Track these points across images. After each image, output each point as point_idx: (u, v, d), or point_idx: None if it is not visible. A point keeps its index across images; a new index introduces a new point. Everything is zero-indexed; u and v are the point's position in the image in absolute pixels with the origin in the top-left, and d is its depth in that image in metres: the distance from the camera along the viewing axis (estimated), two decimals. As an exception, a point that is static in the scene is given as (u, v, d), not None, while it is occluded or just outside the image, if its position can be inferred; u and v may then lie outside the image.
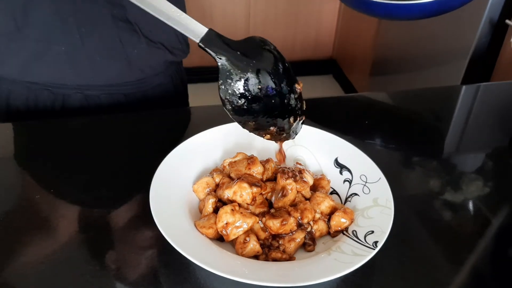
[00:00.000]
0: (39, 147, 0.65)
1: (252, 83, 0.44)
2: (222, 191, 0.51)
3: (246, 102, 0.45)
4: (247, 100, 0.44)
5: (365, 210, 0.51)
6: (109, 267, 0.47)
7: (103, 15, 0.68)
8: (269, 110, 0.46)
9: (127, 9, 0.69)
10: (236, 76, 0.44)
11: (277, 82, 0.45)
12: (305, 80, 1.92)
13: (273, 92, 0.45)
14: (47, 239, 0.50)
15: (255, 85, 0.44)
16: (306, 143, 0.61)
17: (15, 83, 0.73)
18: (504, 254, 0.52)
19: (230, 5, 2.23)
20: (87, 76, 0.73)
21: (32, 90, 0.73)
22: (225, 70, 0.44)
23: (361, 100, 0.87)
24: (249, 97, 0.44)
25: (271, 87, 0.45)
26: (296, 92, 0.47)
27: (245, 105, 0.45)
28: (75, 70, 0.71)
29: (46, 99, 0.74)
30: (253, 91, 0.44)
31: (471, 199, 0.59)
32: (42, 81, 0.72)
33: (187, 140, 0.58)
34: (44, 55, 0.69)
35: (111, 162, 0.62)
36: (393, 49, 1.94)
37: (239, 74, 0.44)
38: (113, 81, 0.75)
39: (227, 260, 0.45)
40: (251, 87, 0.44)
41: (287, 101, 0.46)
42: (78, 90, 0.74)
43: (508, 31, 1.33)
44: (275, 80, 0.45)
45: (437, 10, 0.72)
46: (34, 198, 0.55)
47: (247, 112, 0.45)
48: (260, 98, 0.45)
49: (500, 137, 0.73)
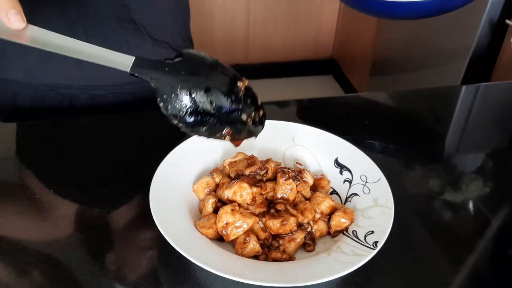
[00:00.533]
0: (38, 147, 0.65)
1: (187, 99, 0.45)
2: (222, 191, 0.51)
3: (190, 116, 0.45)
4: (190, 114, 0.45)
5: (365, 210, 0.51)
6: (109, 267, 0.47)
7: (108, 17, 0.68)
8: (215, 119, 0.46)
9: (131, 9, 0.69)
10: (175, 94, 0.44)
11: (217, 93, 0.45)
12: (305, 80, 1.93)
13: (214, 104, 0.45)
14: (47, 239, 0.50)
15: (194, 100, 0.45)
16: (306, 143, 0.61)
17: (21, 84, 0.74)
18: (504, 254, 0.52)
19: (230, 5, 2.23)
20: (93, 77, 0.73)
21: (38, 91, 0.74)
22: (161, 90, 0.44)
23: (361, 100, 0.87)
24: (192, 111, 0.45)
25: (209, 100, 0.45)
26: (239, 91, 0.46)
27: (190, 119, 0.45)
28: (81, 72, 0.71)
29: (52, 100, 0.75)
30: (195, 105, 0.45)
31: (471, 199, 0.59)
32: (49, 83, 0.73)
33: (187, 140, 0.58)
34: (51, 58, 0.69)
35: (111, 162, 0.62)
36: (393, 49, 1.94)
37: (176, 91, 0.44)
38: (119, 81, 0.75)
39: (227, 260, 0.45)
40: (191, 103, 0.45)
41: (230, 104, 0.46)
42: (85, 90, 0.74)
43: (508, 31, 1.33)
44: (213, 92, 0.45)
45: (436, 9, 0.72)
46: (34, 198, 0.55)
47: (194, 124, 0.46)
48: (204, 111, 0.45)
49: (500, 137, 0.73)
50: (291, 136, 0.62)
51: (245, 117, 0.46)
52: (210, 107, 0.45)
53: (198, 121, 0.45)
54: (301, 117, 0.74)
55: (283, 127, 0.63)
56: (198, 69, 0.45)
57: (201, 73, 0.45)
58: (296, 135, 0.62)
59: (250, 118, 0.47)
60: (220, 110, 0.45)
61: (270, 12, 2.30)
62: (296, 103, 0.78)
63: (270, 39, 2.40)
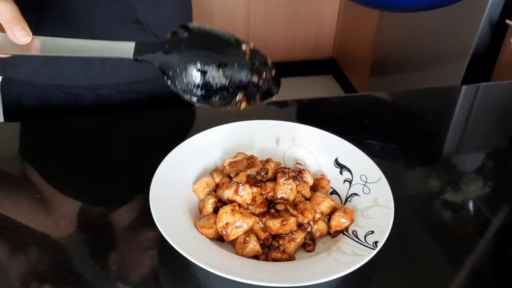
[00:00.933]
0: (38, 147, 0.65)
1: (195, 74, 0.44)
2: (222, 191, 0.51)
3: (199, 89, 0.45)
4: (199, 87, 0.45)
5: (365, 210, 0.51)
6: (109, 267, 0.47)
7: (113, 17, 0.69)
8: (226, 86, 0.45)
9: (136, 9, 0.69)
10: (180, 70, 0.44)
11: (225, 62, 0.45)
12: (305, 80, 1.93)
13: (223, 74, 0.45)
14: (47, 239, 0.50)
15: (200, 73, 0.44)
16: (306, 143, 0.61)
17: (27, 84, 0.74)
18: (504, 254, 0.52)
19: (230, 5, 2.23)
20: (99, 77, 0.73)
21: (44, 90, 0.74)
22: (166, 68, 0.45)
23: (361, 100, 0.87)
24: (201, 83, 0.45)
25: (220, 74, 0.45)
26: (244, 54, 0.46)
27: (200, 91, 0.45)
28: (87, 72, 0.72)
29: (58, 99, 0.75)
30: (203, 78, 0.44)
31: (471, 199, 0.59)
32: (55, 83, 0.73)
33: (187, 140, 0.58)
34: (57, 59, 0.69)
35: (111, 162, 0.62)
36: (393, 49, 1.94)
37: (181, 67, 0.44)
38: (124, 80, 0.76)
39: (227, 260, 0.45)
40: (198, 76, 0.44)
41: (238, 70, 0.45)
42: (90, 89, 0.75)
43: (508, 31, 1.33)
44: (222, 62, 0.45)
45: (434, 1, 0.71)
46: (34, 198, 0.55)
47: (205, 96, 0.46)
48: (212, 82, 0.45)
49: (500, 137, 0.73)
50: (291, 136, 0.62)
51: (256, 79, 0.46)
52: (218, 77, 0.44)
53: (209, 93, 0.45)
54: (301, 117, 0.74)
55: (283, 127, 0.63)
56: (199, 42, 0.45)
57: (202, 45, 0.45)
58: (296, 135, 0.62)
59: (262, 79, 0.46)
60: (228, 78, 0.45)
61: (270, 12, 2.30)
62: (296, 103, 0.78)
63: (270, 39, 2.39)
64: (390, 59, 1.98)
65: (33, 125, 0.70)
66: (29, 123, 0.71)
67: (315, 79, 2.56)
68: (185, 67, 0.44)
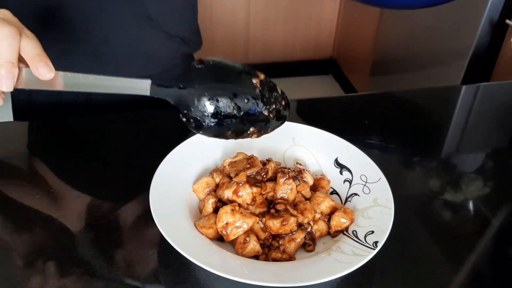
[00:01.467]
0: (39, 146, 0.65)
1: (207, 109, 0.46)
2: (222, 191, 0.51)
3: (213, 123, 0.46)
4: (212, 121, 0.46)
5: (365, 210, 0.51)
6: (110, 267, 0.47)
7: (125, 14, 0.69)
8: (238, 117, 0.46)
9: (148, 6, 0.70)
10: (194, 106, 0.46)
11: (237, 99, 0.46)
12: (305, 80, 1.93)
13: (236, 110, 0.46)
14: (47, 239, 0.50)
15: (214, 107, 0.46)
16: (306, 143, 0.61)
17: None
18: (504, 254, 0.52)
19: (230, 5, 2.23)
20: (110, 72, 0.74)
21: None
22: (180, 106, 0.46)
23: (361, 100, 0.87)
24: (214, 118, 0.46)
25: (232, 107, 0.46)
26: (255, 88, 0.46)
27: (213, 123, 0.46)
28: (99, 68, 0.73)
29: (69, 94, 0.75)
30: (216, 112, 0.46)
31: (471, 199, 0.59)
32: None
33: (187, 140, 0.58)
34: (70, 56, 0.70)
35: (111, 162, 0.62)
36: (393, 49, 1.94)
37: (195, 103, 0.46)
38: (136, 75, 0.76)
39: (227, 260, 0.45)
40: (211, 110, 0.46)
41: (253, 105, 0.46)
42: None
43: (508, 31, 1.32)
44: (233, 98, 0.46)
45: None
46: (34, 197, 0.55)
47: (219, 131, 0.47)
48: (225, 116, 0.46)
49: (500, 137, 0.73)
50: (291, 136, 0.62)
51: (267, 112, 0.47)
52: (231, 108, 0.45)
53: (222, 127, 0.46)
54: (301, 117, 0.74)
55: (283, 127, 0.63)
56: (212, 74, 0.46)
57: (215, 77, 0.46)
58: (296, 135, 0.62)
59: (272, 113, 0.47)
60: (240, 109, 0.45)
61: (270, 12, 2.30)
62: (296, 103, 0.78)
63: (270, 39, 2.39)
64: (390, 59, 1.98)
65: (33, 125, 0.70)
66: (29, 123, 0.71)
67: (315, 79, 2.56)
68: (199, 99, 0.45)
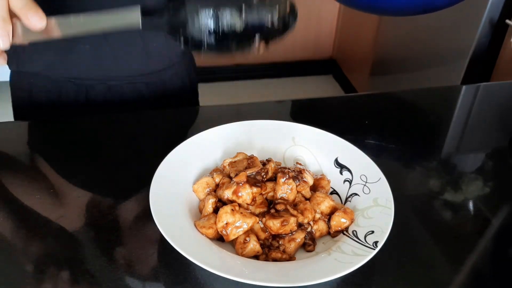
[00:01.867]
0: (39, 146, 0.65)
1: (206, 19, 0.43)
2: (222, 191, 0.51)
3: (213, 40, 0.44)
4: (213, 38, 0.43)
5: (365, 210, 0.51)
6: (110, 267, 0.47)
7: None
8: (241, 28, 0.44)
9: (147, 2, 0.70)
10: (188, 26, 0.43)
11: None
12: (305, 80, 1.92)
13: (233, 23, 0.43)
14: (47, 239, 0.50)
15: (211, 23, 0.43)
16: (306, 143, 0.61)
17: (38, 76, 0.75)
18: (504, 254, 0.52)
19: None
20: (110, 67, 0.75)
21: (55, 83, 0.75)
22: (174, 30, 0.44)
23: (361, 100, 0.87)
24: (213, 34, 0.43)
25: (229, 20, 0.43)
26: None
27: (213, 42, 0.44)
28: (99, 65, 0.73)
29: (69, 91, 0.76)
30: (214, 28, 0.43)
31: (471, 199, 0.59)
32: (66, 75, 0.74)
33: (187, 140, 0.58)
34: (70, 53, 0.71)
35: (111, 162, 0.62)
36: (393, 49, 1.94)
37: (188, 23, 0.43)
38: (135, 72, 0.78)
39: (227, 260, 0.45)
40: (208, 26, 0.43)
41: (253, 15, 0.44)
42: (101, 81, 0.76)
43: (508, 31, 1.33)
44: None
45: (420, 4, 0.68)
46: (34, 197, 0.55)
47: (221, 46, 0.45)
48: (224, 31, 0.43)
49: (500, 137, 0.73)
50: (291, 136, 0.62)
51: (269, 17, 0.43)
52: (231, 19, 0.43)
53: (224, 41, 0.44)
54: (301, 117, 0.74)
55: (283, 127, 0.63)
56: None
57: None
58: (296, 135, 0.62)
59: (277, 17, 0.44)
60: (241, 18, 0.42)
61: (270, 12, 2.30)
62: (296, 103, 0.78)
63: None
64: (390, 59, 1.98)
65: (33, 125, 0.71)
66: (32, 123, 0.71)
67: (315, 79, 2.57)
68: (194, 17, 0.42)
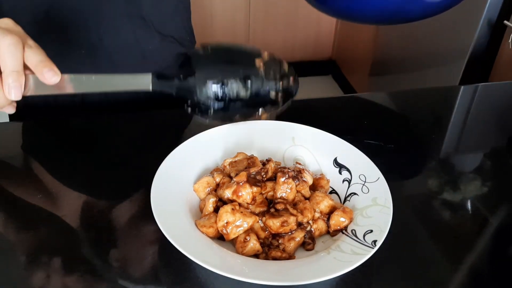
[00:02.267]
0: (39, 146, 0.66)
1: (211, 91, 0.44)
2: (223, 191, 0.51)
3: (218, 111, 0.45)
4: (218, 108, 0.45)
5: (364, 209, 0.51)
6: (110, 266, 0.47)
7: (120, 14, 0.70)
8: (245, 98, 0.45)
9: (141, 6, 0.71)
10: (197, 95, 0.45)
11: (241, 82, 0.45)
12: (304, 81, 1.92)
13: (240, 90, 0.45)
14: (47, 239, 0.50)
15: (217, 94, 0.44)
16: (306, 143, 0.61)
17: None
18: (504, 253, 0.53)
19: (230, 5, 2.23)
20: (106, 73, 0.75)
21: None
22: (184, 96, 0.45)
23: (360, 100, 0.87)
24: (219, 105, 0.45)
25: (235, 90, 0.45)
26: (258, 70, 0.45)
27: (218, 112, 0.45)
28: (94, 69, 0.73)
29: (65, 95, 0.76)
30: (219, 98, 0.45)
31: (470, 199, 0.60)
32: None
33: (187, 140, 0.58)
34: (65, 57, 0.70)
35: (112, 162, 0.62)
36: (392, 50, 1.95)
37: (197, 93, 0.45)
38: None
39: (228, 259, 0.45)
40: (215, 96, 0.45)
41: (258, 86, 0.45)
42: None
43: (507, 32, 1.33)
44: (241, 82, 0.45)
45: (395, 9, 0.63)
46: (36, 197, 0.55)
47: (228, 115, 0.46)
48: (229, 102, 0.45)
49: (498, 137, 0.73)
50: (291, 136, 0.62)
51: (274, 92, 0.46)
52: (236, 94, 0.44)
53: (229, 111, 0.45)
54: (301, 117, 0.74)
55: (283, 127, 0.63)
56: (214, 59, 0.45)
57: (217, 60, 0.45)
58: (296, 135, 0.62)
59: (280, 92, 0.46)
60: (245, 94, 0.44)
61: (270, 12, 2.30)
62: (296, 103, 0.79)
63: (270, 40, 2.40)
64: (389, 60, 1.98)
65: (33, 125, 0.71)
66: (29, 123, 0.71)
67: (314, 80, 2.57)
68: (202, 85, 0.44)
